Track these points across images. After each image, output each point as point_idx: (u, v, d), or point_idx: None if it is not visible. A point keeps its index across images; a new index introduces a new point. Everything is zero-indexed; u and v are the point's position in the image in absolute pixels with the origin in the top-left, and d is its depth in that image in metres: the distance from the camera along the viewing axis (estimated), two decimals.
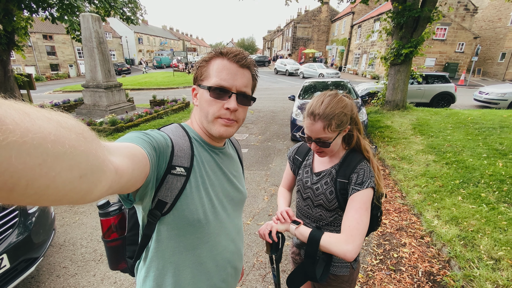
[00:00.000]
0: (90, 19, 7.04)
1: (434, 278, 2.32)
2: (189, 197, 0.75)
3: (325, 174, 1.18)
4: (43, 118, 0.30)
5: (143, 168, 0.58)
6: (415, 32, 7.45)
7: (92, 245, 2.74)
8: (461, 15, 21.31)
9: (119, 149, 0.51)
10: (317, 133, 1.07)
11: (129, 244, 0.91)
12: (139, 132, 0.67)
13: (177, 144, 0.76)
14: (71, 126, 0.34)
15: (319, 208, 1.20)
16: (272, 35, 64.34)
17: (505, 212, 2.93)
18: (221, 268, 0.87)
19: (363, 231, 0.97)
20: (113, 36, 38.30)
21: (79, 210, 3.38)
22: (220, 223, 0.85)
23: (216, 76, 0.76)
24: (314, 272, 1.04)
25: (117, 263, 0.95)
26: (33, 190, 0.29)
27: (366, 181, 1.04)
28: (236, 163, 0.99)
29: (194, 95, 0.85)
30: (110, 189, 0.44)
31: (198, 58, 31.29)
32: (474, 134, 5.68)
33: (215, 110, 0.77)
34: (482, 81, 19.64)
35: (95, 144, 0.38)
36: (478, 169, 3.97)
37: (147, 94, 13.87)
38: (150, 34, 50.63)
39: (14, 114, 0.27)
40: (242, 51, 0.80)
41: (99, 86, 7.70)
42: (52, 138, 0.30)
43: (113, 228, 0.91)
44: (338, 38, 32.90)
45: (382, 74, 19.46)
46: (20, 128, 0.27)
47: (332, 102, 1.06)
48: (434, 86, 10.01)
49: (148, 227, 0.76)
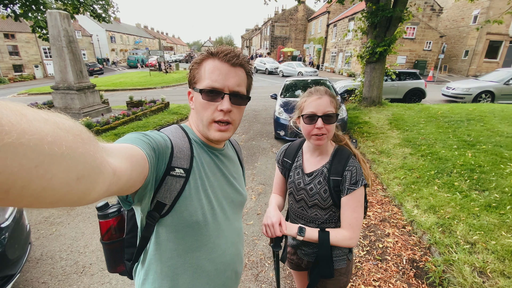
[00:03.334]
0: (58, 17, 6.61)
1: (417, 265, 2.45)
2: (188, 198, 0.74)
3: (317, 173, 1.20)
4: (40, 119, 0.30)
5: (141, 169, 0.58)
6: (388, 31, 7.78)
7: (73, 257, 2.59)
8: (428, 15, 22.54)
9: (117, 150, 0.50)
10: (325, 106, 1.11)
11: (128, 246, 0.90)
12: (138, 133, 0.67)
13: (176, 145, 0.75)
14: (68, 127, 0.34)
15: (314, 208, 1.22)
16: (250, 33, 64.31)
17: (476, 199, 3.16)
18: (221, 272, 0.86)
19: (361, 223, 1.14)
20: (83, 35, 36.26)
21: (55, 221, 3.18)
22: (219, 225, 0.84)
23: (208, 77, 0.76)
24: (330, 270, 1.15)
25: (116, 265, 0.94)
26: (29, 192, 0.29)
27: (359, 180, 1.11)
28: (236, 165, 0.99)
29: (190, 99, 0.85)
30: (108, 190, 0.43)
31: (175, 57, 30.32)
32: (444, 127, 6.05)
33: (209, 114, 0.77)
34: (448, 77, 20.96)
35: (93, 145, 0.37)
36: (450, 159, 4.23)
37: (123, 95, 13.31)
38: (123, 32, 48.56)
39: (10, 115, 0.27)
40: (233, 49, 0.79)
41: (70, 87, 7.26)
42: (49, 139, 0.30)
43: (112, 230, 0.90)
44: (315, 37, 33.56)
45: (358, 72, 20.15)
46: (16, 129, 0.26)
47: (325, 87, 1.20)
48: (406, 82, 10.55)
49: (146, 229, 0.75)
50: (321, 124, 1.10)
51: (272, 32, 37.64)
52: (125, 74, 25.49)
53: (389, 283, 2.27)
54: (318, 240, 1.10)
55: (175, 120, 7.92)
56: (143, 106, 8.71)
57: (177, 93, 14.68)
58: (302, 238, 1.11)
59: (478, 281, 2.06)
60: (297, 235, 1.11)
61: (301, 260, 1.36)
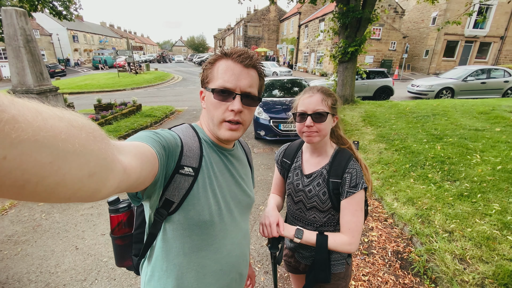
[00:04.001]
0: (14, 14, 6.01)
1: (402, 256, 2.54)
2: (195, 197, 0.75)
3: (316, 175, 1.17)
4: (55, 117, 0.31)
5: (152, 167, 0.59)
6: (358, 32, 8.10)
7: (43, 279, 2.33)
8: (392, 17, 23.93)
9: (128, 148, 0.51)
10: (315, 104, 1.08)
11: (136, 242, 0.92)
12: (149, 131, 0.67)
13: (186, 144, 0.76)
14: (81, 125, 0.35)
15: (312, 210, 1.19)
16: (223, 33, 63.80)
17: (449, 189, 3.36)
18: (226, 273, 0.85)
19: (361, 228, 1.09)
20: (42, 34, 33.46)
21: (20, 239, 2.85)
22: (226, 226, 0.84)
23: (220, 77, 0.76)
24: (326, 275, 1.10)
25: (123, 260, 0.96)
26: (43, 187, 0.30)
27: (359, 183, 1.08)
28: (245, 166, 0.98)
29: (202, 98, 0.86)
30: (118, 187, 0.44)
31: (145, 58, 29.20)
32: (413, 122, 6.42)
33: (220, 114, 0.78)
34: (412, 75, 22.42)
35: (105, 143, 0.39)
36: (422, 153, 4.49)
37: (90, 98, 12.49)
38: (87, 31, 45.60)
39: (27, 113, 0.28)
40: (247, 50, 0.79)
41: (29, 91, 6.63)
42: (63, 136, 0.31)
43: (121, 225, 0.92)
44: (287, 37, 34.12)
45: (330, 71, 20.84)
46: (32, 126, 0.27)
47: (327, 87, 1.16)
48: (376, 81, 11.12)
49: (154, 226, 0.76)
50: (310, 122, 1.08)
51: (245, 32, 37.67)
52: (90, 75, 23.99)
53: (377, 276, 2.33)
54: (316, 244, 1.07)
55: (148, 123, 7.56)
56: (113, 109, 8.22)
57: (149, 94, 14.09)
58: (299, 240, 1.08)
59: (459, 268, 2.18)
60: (294, 237, 1.08)
61: (298, 263, 1.33)
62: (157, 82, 19.02)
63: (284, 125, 5.62)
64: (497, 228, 2.60)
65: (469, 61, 23.23)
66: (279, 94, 7.01)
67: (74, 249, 2.70)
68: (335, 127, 1.21)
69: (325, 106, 1.09)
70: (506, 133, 5.08)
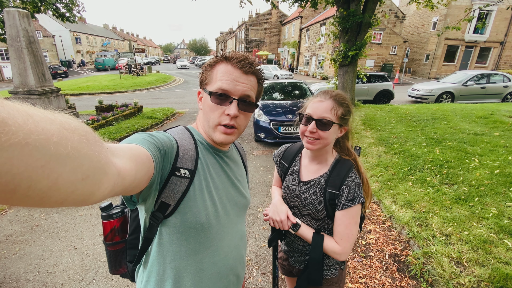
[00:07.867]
0: (16, 15, 6.07)
1: (399, 259, 2.54)
2: (192, 199, 0.74)
3: (314, 183, 1.15)
4: (46, 119, 0.30)
5: (147, 169, 0.58)
6: (358, 36, 8.15)
7: (41, 278, 2.34)
8: (392, 22, 24.07)
9: (122, 151, 0.51)
10: (323, 111, 1.05)
11: (130, 248, 0.91)
12: (144, 133, 0.67)
13: (182, 146, 0.76)
14: (74, 127, 0.34)
15: (306, 217, 1.18)
16: (224, 36, 64.13)
17: (447, 192, 3.37)
18: (223, 276, 0.85)
19: (353, 240, 1.08)
20: (44, 35, 33.72)
21: (18, 239, 2.87)
22: (223, 227, 0.83)
23: (219, 81, 0.77)
24: (319, 278, 1.10)
25: (117, 267, 0.94)
26: (35, 192, 0.29)
27: (357, 197, 1.05)
28: (240, 168, 0.99)
29: (199, 99, 0.85)
30: (112, 191, 0.43)
31: (147, 60, 29.25)
32: (413, 126, 6.43)
33: (216, 117, 0.78)
34: (412, 80, 22.47)
35: (98, 146, 0.38)
36: (421, 156, 4.49)
37: (91, 99, 12.55)
38: (90, 33, 45.93)
39: (17, 116, 0.27)
40: (248, 56, 0.79)
41: (31, 92, 6.68)
42: (55, 140, 0.30)
43: (114, 231, 0.91)
44: (289, 41, 34.29)
45: (331, 74, 20.90)
46: (22, 129, 0.27)
47: (343, 94, 1.11)
48: (376, 84, 11.15)
49: (149, 230, 0.75)
50: (313, 128, 1.04)
51: (247, 35, 37.89)
52: (92, 77, 24.13)
53: (374, 279, 2.33)
54: (311, 242, 1.07)
55: (149, 125, 7.59)
56: (114, 110, 8.26)
57: (150, 96, 14.16)
58: (294, 232, 1.12)
59: (456, 271, 2.18)
60: (290, 228, 1.11)
61: (292, 267, 1.33)
62: (158, 84, 19.10)
63: (284, 128, 5.64)
64: (494, 232, 2.61)
65: (470, 66, 23.29)
66: (279, 97, 7.04)
67: (73, 249, 2.71)
68: (342, 138, 1.17)
69: (333, 115, 1.04)
70: (505, 138, 5.09)
